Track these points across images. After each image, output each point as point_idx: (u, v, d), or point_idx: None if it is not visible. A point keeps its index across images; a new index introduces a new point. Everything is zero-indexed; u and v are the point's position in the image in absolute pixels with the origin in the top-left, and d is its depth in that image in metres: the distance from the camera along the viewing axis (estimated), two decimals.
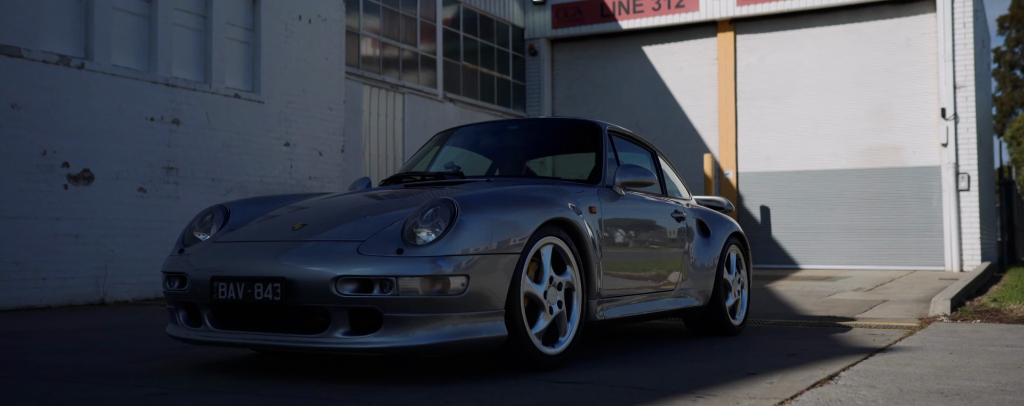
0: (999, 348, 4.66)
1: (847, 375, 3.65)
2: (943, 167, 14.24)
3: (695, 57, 16.28)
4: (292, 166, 11.14)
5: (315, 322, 3.46)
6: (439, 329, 3.34)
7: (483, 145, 5.30)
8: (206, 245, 3.90)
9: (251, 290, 3.46)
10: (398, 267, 3.31)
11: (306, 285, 3.37)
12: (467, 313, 3.38)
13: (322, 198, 4.46)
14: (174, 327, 3.91)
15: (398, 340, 3.31)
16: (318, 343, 3.39)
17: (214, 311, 3.69)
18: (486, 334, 3.43)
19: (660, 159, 5.57)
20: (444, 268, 3.32)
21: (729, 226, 5.63)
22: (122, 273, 8.89)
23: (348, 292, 3.33)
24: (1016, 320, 6.26)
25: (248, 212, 4.20)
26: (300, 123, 11.30)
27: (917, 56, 14.69)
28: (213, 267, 3.66)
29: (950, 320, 6.33)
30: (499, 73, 16.61)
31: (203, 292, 3.63)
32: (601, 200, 4.36)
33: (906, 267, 14.42)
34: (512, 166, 5.02)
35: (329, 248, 3.49)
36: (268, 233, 3.80)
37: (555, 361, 3.74)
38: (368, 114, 13.13)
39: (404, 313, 3.30)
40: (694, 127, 16.17)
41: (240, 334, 3.60)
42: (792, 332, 5.64)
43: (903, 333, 5.48)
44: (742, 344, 4.92)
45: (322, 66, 11.71)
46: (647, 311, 4.62)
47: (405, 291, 3.28)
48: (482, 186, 4.18)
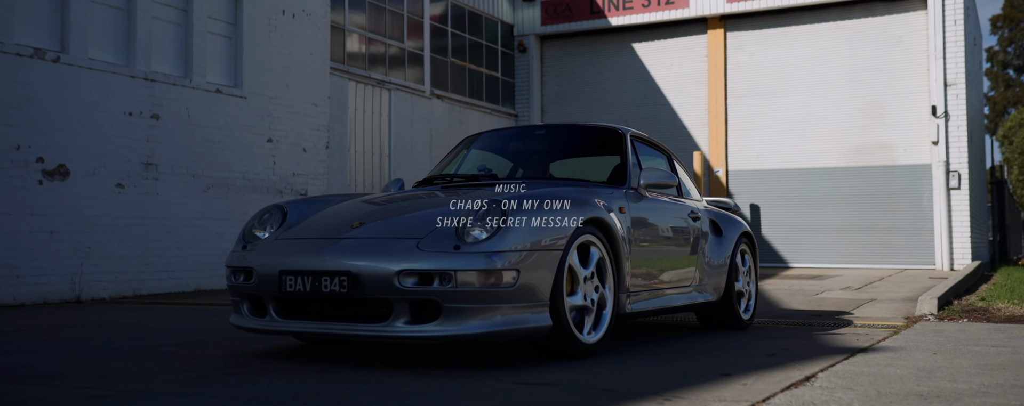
0: (985, 348, 4.55)
1: (824, 376, 3.53)
2: (934, 165, 14.15)
3: (685, 54, 16.16)
4: (275, 162, 11.00)
5: (377, 312, 3.71)
6: (491, 319, 3.63)
7: (509, 149, 5.62)
8: (270, 242, 4.16)
9: (318, 283, 3.73)
10: (456, 262, 3.59)
11: (370, 278, 3.64)
12: (517, 304, 3.68)
13: (370, 198, 4.72)
14: (238, 317, 4.16)
15: (455, 329, 3.59)
16: (381, 332, 3.66)
17: (279, 303, 3.95)
18: (533, 324, 3.73)
19: (674, 161, 5.86)
20: (498, 263, 3.61)
21: (739, 226, 5.93)
22: (99, 270, 8.74)
23: (409, 285, 3.60)
24: (1004, 319, 6.15)
25: (302, 211, 4.45)
26: (284, 119, 11.16)
27: (908, 53, 14.60)
28: (281, 262, 3.91)
29: (937, 319, 6.22)
30: (488, 70, 16.48)
31: (271, 285, 3.89)
32: (629, 202, 4.66)
33: (896, 266, 14.33)
34: (535, 168, 5.36)
35: (391, 245, 3.76)
36: (330, 230, 4.07)
37: (593, 349, 4.05)
38: (354, 110, 12.99)
39: (461, 304, 3.58)
40: (684, 124, 16.06)
41: (305, 323, 3.86)
42: (775, 331, 5.53)
43: (888, 332, 5.37)
44: (722, 343, 4.81)
45: (306, 61, 11.56)
46: (668, 305, 4.93)
47: (462, 284, 3.57)
48: (517, 188, 4.45)
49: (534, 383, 3.35)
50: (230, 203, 10.32)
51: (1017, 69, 55.09)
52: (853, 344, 4.70)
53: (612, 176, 5.05)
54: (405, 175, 13.83)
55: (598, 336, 4.09)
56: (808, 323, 6.02)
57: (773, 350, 4.44)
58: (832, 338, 5.04)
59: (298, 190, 11.33)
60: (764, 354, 4.26)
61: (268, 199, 10.83)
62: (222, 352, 4.40)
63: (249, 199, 10.56)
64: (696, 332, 5.51)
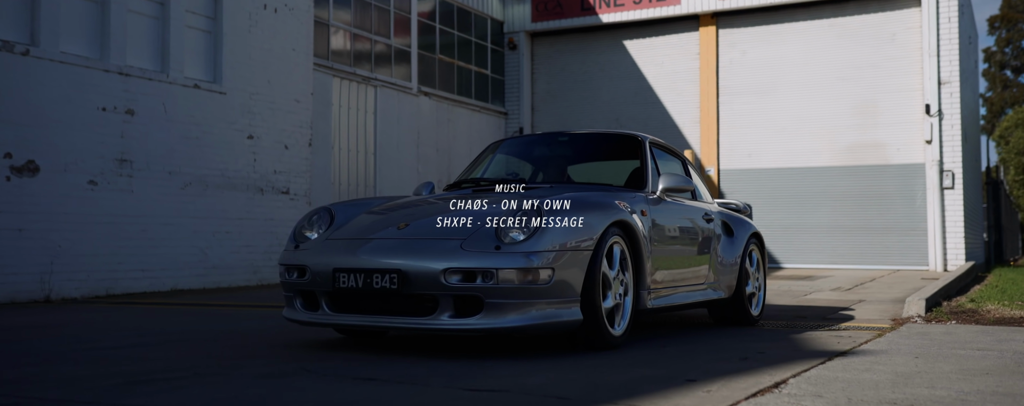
0: (969, 352, 4.36)
1: (795, 382, 3.33)
2: (927, 164, 13.96)
3: (677, 52, 15.97)
4: (256, 159, 10.80)
5: (424, 307, 4.00)
6: (529, 313, 3.91)
7: (533, 154, 5.90)
8: (322, 242, 4.43)
9: (370, 280, 4.02)
10: (497, 261, 3.88)
11: (418, 275, 3.94)
12: (552, 300, 3.97)
13: (409, 201, 4.98)
14: (291, 311, 4.45)
15: (496, 322, 3.87)
16: (428, 324, 3.94)
17: (331, 298, 4.23)
18: (566, 318, 4.03)
19: (688, 166, 6.15)
20: (535, 262, 3.90)
21: (749, 227, 6.21)
22: (70, 269, 8.53)
23: (454, 281, 3.89)
24: (993, 321, 5.95)
25: (348, 213, 4.72)
26: (265, 115, 10.96)
27: (902, 51, 14.41)
28: (334, 261, 4.19)
29: (924, 321, 6.03)
30: (477, 67, 16.28)
31: (325, 281, 4.17)
32: (649, 205, 4.95)
33: (889, 267, 14.14)
34: (556, 172, 5.61)
35: (437, 245, 4.04)
36: (378, 232, 4.36)
37: (620, 340, 4.36)
38: (338, 107, 12.78)
39: (501, 300, 3.87)
40: (675, 123, 15.86)
41: (356, 317, 4.15)
42: (755, 333, 5.33)
43: (872, 335, 5.17)
44: (698, 346, 4.61)
45: (289, 57, 11.36)
46: (684, 301, 5.23)
47: (503, 281, 3.86)
48: (548, 192, 4.73)
49: (485, 390, 3.16)
50: (209, 200, 10.12)
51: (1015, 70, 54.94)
52: (833, 347, 4.51)
53: (631, 180, 5.34)
54: (391, 173, 13.63)
55: (623, 329, 4.41)
56: (791, 325, 5.83)
57: (748, 353, 4.25)
58: (813, 341, 4.85)
59: (280, 188, 11.13)
60: (738, 358, 4.07)
61: (248, 197, 10.63)
62: (161, 355, 4.20)
63: (228, 197, 10.37)
64: (679, 331, 5.47)
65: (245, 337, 5.07)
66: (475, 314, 3.91)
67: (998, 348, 4.51)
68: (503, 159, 5.88)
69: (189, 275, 9.84)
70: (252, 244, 10.75)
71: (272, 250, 11.02)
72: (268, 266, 10.94)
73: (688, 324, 5.99)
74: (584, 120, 16.60)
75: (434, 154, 14.79)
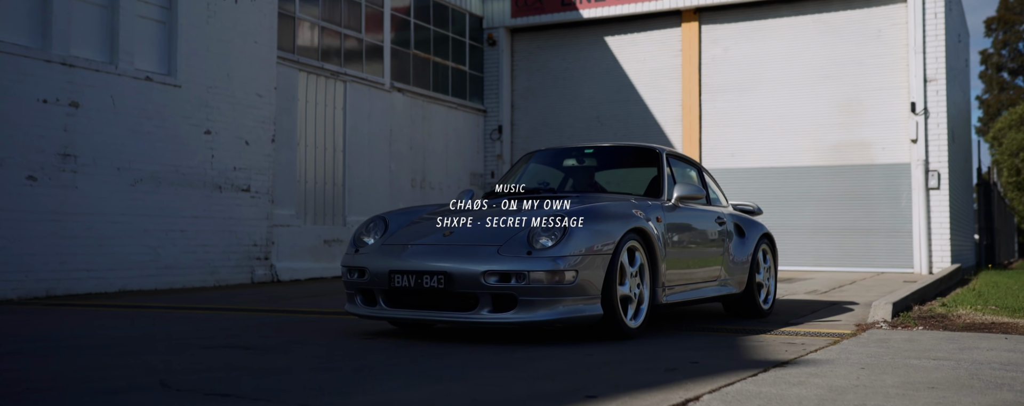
0: (924, 362, 3.99)
1: (708, 399, 2.95)
2: (913, 164, 13.59)
3: (658, 48, 15.60)
4: (214, 156, 10.42)
5: (466, 303, 4.58)
6: (556, 309, 4.48)
7: (563, 164, 6.53)
8: (378, 246, 5.03)
9: (421, 280, 4.62)
10: (529, 264, 4.47)
11: (462, 276, 4.53)
12: (576, 297, 4.53)
13: (453, 210, 5.42)
14: (352, 306, 5.08)
15: (528, 316, 4.46)
16: (470, 318, 4.55)
17: (387, 295, 4.83)
18: (588, 313, 4.60)
19: (704, 173, 6.73)
20: (561, 265, 4.47)
21: (760, 228, 6.74)
22: (6, 269, 8.16)
23: (492, 282, 4.49)
24: (962, 327, 5.58)
25: (400, 221, 5.31)
26: (223, 110, 10.58)
27: (887, 48, 14.04)
28: (390, 263, 4.80)
29: (889, 327, 5.66)
30: (454, 63, 15.89)
31: (382, 281, 4.79)
32: (664, 211, 5.52)
33: (874, 269, 13.77)
34: (584, 180, 6.31)
35: (477, 250, 4.63)
36: (427, 238, 4.92)
37: (636, 332, 4.91)
38: (305, 103, 12.40)
39: (533, 297, 4.45)
40: (657, 121, 15.49)
41: (409, 311, 4.75)
42: (700, 339, 4.96)
43: (827, 342, 4.81)
44: (630, 354, 4.24)
45: (251, 50, 10.99)
46: (697, 297, 5.74)
47: (534, 281, 4.44)
48: (576, 201, 5.23)
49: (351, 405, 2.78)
50: (162, 198, 9.74)
51: (1012, 72, 54.61)
52: (777, 356, 4.14)
53: (650, 189, 5.93)
54: (361, 171, 13.25)
55: (639, 322, 4.94)
56: (744, 330, 5.46)
57: (679, 363, 3.87)
58: (759, 348, 4.48)
59: (240, 185, 10.75)
60: (664, 369, 3.69)
61: (205, 194, 10.26)
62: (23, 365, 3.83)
63: (183, 194, 9.99)
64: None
65: (152, 342, 4.71)
66: (510, 309, 4.50)
67: (956, 358, 4.14)
68: (535, 168, 6.54)
69: (139, 275, 9.47)
70: (209, 243, 10.38)
71: (231, 250, 10.65)
72: (226, 266, 10.57)
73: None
74: (564, 118, 16.23)
75: (408, 152, 14.41)
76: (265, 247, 11.18)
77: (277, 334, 5.23)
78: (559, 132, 16.25)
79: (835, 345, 4.64)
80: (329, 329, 5.51)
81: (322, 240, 12.47)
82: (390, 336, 5.05)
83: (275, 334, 5.23)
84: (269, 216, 11.26)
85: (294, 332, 5.35)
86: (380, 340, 4.86)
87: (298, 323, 5.95)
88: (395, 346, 4.56)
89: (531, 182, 6.26)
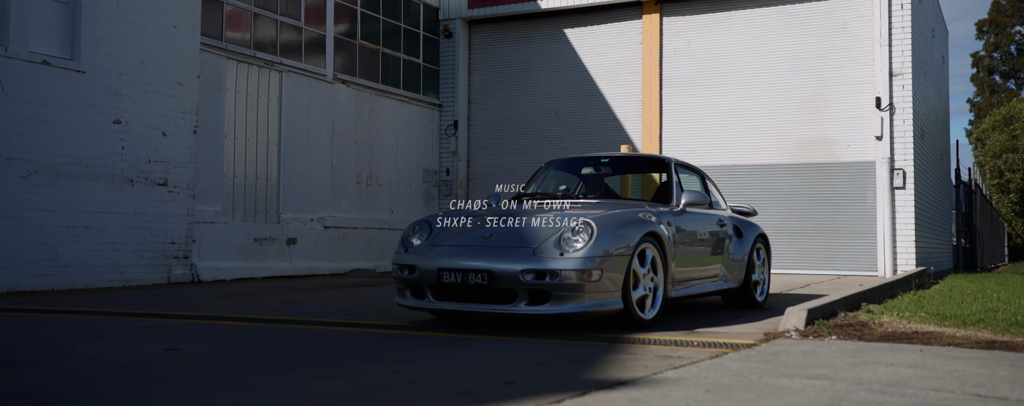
0: (793, 382, 3.37)
1: None
2: (878, 162, 12.97)
3: (619, 40, 14.97)
4: (124, 147, 9.78)
5: (505, 297, 5.17)
6: (583, 302, 5.08)
7: (579, 171, 7.24)
8: (427, 247, 5.58)
9: (466, 277, 5.21)
10: (561, 264, 5.07)
11: (502, 274, 5.13)
12: (600, 292, 5.13)
13: (489, 213, 5.98)
14: (403, 299, 5.63)
15: (559, 309, 5.05)
16: (510, 310, 5.14)
17: (435, 290, 5.40)
18: (610, 306, 5.20)
19: (707, 180, 7.43)
20: (589, 265, 5.07)
21: (755, 229, 7.48)
22: None
23: (529, 279, 5.08)
24: (879, 337, 4.96)
25: (443, 223, 5.82)
26: (136, 98, 9.95)
27: (853, 41, 13.42)
28: (439, 262, 5.37)
29: (800, 336, 5.03)
30: (407, 55, 15.25)
31: (431, 277, 5.36)
32: (674, 216, 6.15)
33: (836, 272, 13.15)
34: (598, 185, 7.04)
35: (515, 251, 5.22)
36: (470, 240, 5.51)
37: (650, 323, 5.51)
38: (235, 93, 11.76)
39: (564, 293, 5.06)
40: (616, 116, 14.86)
41: (455, 304, 5.33)
42: (559, 347, 4.33)
43: (709, 355, 4.18)
44: (439, 373, 3.61)
45: (170, 35, 10.35)
46: (701, 291, 6.44)
47: (565, 278, 5.04)
48: (598, 208, 5.90)
49: None
50: (61, 191, 9.10)
51: (1003, 74, 54.09)
52: (621, 374, 3.51)
53: (659, 194, 6.66)
54: (299, 166, 12.61)
55: (653, 314, 5.59)
56: (618, 340, 4.83)
57: (494, 382, 3.24)
58: (615, 362, 3.85)
59: (156, 179, 10.12)
60: (459, 393, 3.06)
61: (113, 188, 9.62)
62: None
63: (87, 187, 9.35)
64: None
65: None
66: (544, 303, 5.11)
67: (839, 376, 3.52)
68: (554, 174, 7.24)
69: (33, 275, 8.83)
70: (118, 241, 9.73)
71: (145, 248, 10.01)
72: (139, 266, 9.93)
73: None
74: (521, 113, 15.60)
75: (353, 146, 13.77)
76: (185, 245, 10.54)
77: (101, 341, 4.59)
78: (516, 128, 15.63)
79: (711, 359, 4.01)
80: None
81: (253, 238, 11.83)
82: None
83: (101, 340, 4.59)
84: (190, 212, 10.62)
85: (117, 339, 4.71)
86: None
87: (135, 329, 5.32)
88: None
89: (550, 187, 7.07)
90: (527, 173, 15.37)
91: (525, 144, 15.55)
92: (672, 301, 5.93)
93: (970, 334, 5.09)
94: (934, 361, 4.04)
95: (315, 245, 12.87)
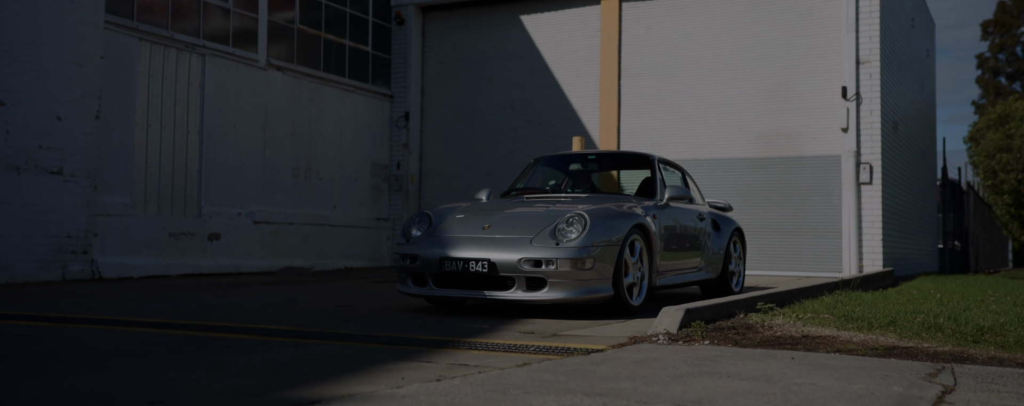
0: (575, 399, 2.54)
1: None
2: (843, 156, 12.11)
3: (576, 27, 14.14)
4: (8, 131, 9.01)
5: (504, 284, 5.52)
6: (577, 289, 5.44)
7: (567, 167, 7.70)
8: (427, 237, 5.89)
9: (467, 266, 5.55)
10: (556, 253, 5.43)
11: (502, 263, 5.48)
12: (593, 280, 5.50)
13: (483, 206, 6.34)
14: (404, 287, 5.96)
15: (555, 295, 5.42)
16: (508, 296, 5.50)
17: (436, 278, 5.72)
18: (602, 292, 5.56)
19: (687, 177, 7.93)
20: (582, 254, 5.43)
21: (732, 223, 8.01)
22: None
23: (527, 267, 5.44)
24: (759, 342, 4.14)
25: (442, 216, 6.09)
26: (24, 79, 9.17)
27: (820, 27, 12.57)
28: (441, 252, 5.67)
29: (668, 340, 4.22)
30: (354, 42, 14.45)
31: (433, 266, 5.68)
32: (658, 210, 6.51)
33: (800, 272, 12.30)
34: (584, 181, 7.60)
35: (513, 241, 5.57)
36: (470, 231, 5.79)
37: (637, 309, 5.83)
38: (148, 77, 10.96)
39: (559, 280, 5.43)
40: (573, 107, 14.04)
41: (456, 291, 5.66)
42: (311, 350, 3.52)
43: (513, 363, 3.37)
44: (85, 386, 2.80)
45: (66, 11, 9.58)
46: (682, 281, 6.85)
47: (560, 267, 5.41)
48: (588, 202, 6.25)
49: None
50: None
51: (1009, 76, 53.15)
52: (339, 391, 2.69)
53: (643, 190, 7.08)
54: (223, 157, 11.81)
55: (640, 300, 5.88)
56: (454, 341, 4.01)
57: (133, 400, 2.43)
58: (367, 371, 3.04)
59: (48, 167, 9.34)
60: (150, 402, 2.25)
61: None
62: None
63: None
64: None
65: None
66: (540, 289, 5.38)
67: (636, 392, 2.69)
68: (542, 170, 7.63)
69: None
70: (1, 234, 8.95)
71: (34, 242, 9.23)
72: (26, 261, 9.14)
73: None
74: (477, 105, 14.78)
75: (289, 137, 12.97)
76: (83, 239, 9.76)
77: None
78: (471, 120, 14.81)
79: (500, 371, 3.19)
80: None
81: (168, 233, 11.03)
82: None
83: None
84: (91, 203, 9.83)
85: None
86: None
87: None
88: None
89: (538, 182, 7.46)
90: (482, 167, 14.57)
91: (480, 136, 14.73)
92: (655, 290, 6.27)
93: (870, 339, 4.26)
94: (792, 372, 3.22)
95: (242, 241, 12.07)
